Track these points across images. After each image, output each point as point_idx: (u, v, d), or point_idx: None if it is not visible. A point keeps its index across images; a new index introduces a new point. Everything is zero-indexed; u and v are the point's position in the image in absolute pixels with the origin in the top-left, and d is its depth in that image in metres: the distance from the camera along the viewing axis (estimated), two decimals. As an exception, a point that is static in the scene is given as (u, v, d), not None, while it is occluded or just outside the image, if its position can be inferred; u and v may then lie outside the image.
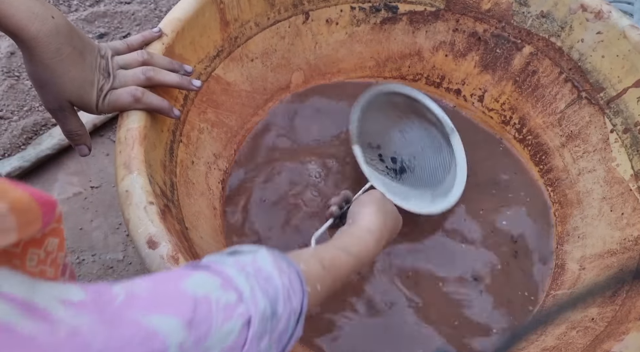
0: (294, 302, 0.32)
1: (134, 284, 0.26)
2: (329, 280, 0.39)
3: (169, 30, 0.56)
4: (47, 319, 0.20)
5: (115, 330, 0.23)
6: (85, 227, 0.75)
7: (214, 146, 0.67)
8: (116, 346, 0.22)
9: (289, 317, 0.32)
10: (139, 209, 0.43)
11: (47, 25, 0.42)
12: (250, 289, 0.30)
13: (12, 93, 0.83)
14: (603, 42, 0.65)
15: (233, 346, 0.28)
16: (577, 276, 0.63)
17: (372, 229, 0.47)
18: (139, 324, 0.24)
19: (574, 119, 0.70)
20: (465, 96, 0.81)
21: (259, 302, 0.29)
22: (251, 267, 0.31)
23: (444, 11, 0.75)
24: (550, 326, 0.58)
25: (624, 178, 0.64)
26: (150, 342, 0.24)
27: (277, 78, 0.76)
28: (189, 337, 0.25)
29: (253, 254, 0.33)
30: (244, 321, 0.28)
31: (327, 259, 0.40)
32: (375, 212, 0.49)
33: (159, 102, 0.50)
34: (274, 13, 0.70)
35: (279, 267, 0.33)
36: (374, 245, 0.46)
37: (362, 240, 0.46)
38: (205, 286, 0.28)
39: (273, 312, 0.30)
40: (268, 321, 0.30)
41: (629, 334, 0.46)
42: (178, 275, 0.29)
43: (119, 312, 0.24)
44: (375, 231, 0.47)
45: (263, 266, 0.32)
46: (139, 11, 0.97)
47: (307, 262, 0.37)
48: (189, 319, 0.26)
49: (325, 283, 0.38)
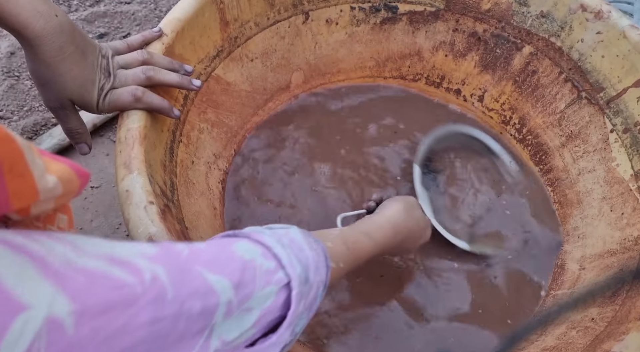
0: (321, 274, 0.35)
1: (195, 248, 0.29)
2: (351, 259, 0.42)
3: (169, 30, 0.56)
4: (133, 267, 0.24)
5: (184, 280, 0.26)
6: (85, 227, 0.75)
7: (214, 146, 0.67)
8: (185, 294, 0.25)
9: (318, 286, 0.35)
10: (139, 209, 0.43)
11: (51, 24, 0.42)
12: (287, 256, 0.33)
13: (12, 93, 0.83)
14: (603, 42, 0.65)
15: (272, 307, 0.31)
16: (577, 276, 0.63)
17: (392, 221, 0.51)
18: (203, 278, 0.27)
19: (574, 119, 0.70)
20: (465, 96, 0.81)
21: (296, 267, 0.33)
22: (286, 239, 0.35)
23: (444, 11, 0.75)
24: (550, 326, 0.58)
25: (624, 178, 0.64)
26: (209, 296, 0.27)
27: (277, 78, 0.76)
28: (235, 296, 0.28)
29: (286, 229, 0.37)
30: (281, 285, 0.31)
31: (350, 241, 0.43)
32: (400, 210, 0.53)
33: (159, 102, 0.50)
34: (273, 13, 0.70)
35: (308, 242, 0.36)
36: (392, 235, 0.50)
37: (383, 229, 0.49)
38: (250, 251, 0.32)
39: (306, 278, 0.33)
40: (304, 285, 0.33)
41: (629, 334, 0.46)
42: (227, 241, 0.33)
43: (187, 265, 0.27)
44: (395, 224, 0.51)
45: (296, 238, 0.35)
46: (139, 11, 0.97)
47: (333, 241, 0.41)
48: (237, 281, 0.29)
49: (347, 262, 0.42)
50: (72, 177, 0.27)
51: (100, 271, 0.22)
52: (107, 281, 0.22)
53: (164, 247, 0.27)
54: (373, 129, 0.77)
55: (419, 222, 0.55)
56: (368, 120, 0.78)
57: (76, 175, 0.27)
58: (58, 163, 0.26)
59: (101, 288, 0.22)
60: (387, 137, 0.76)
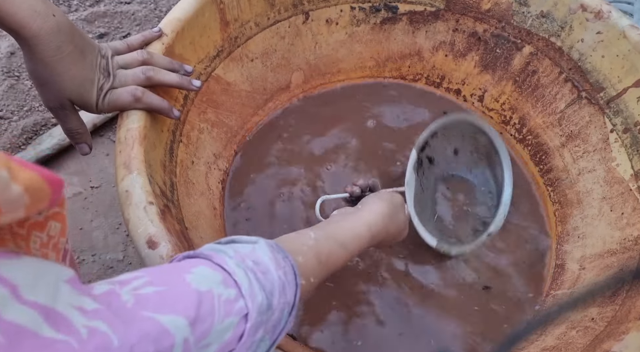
0: (288, 295, 0.34)
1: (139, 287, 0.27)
2: (324, 273, 0.41)
3: (169, 30, 0.56)
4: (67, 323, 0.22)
5: (131, 326, 0.24)
6: (85, 227, 0.75)
7: (214, 146, 0.67)
8: (132, 340, 0.24)
9: (283, 309, 0.33)
10: (139, 209, 0.43)
11: (49, 23, 0.42)
12: (248, 284, 0.31)
13: (12, 93, 0.83)
14: (603, 42, 0.65)
15: (230, 340, 0.29)
16: (577, 276, 0.63)
17: (372, 228, 0.48)
18: (154, 320, 0.25)
19: (574, 119, 0.70)
20: (465, 96, 0.81)
21: (256, 296, 0.31)
22: (250, 260, 0.33)
23: (444, 11, 0.75)
24: (550, 326, 0.58)
25: (624, 178, 0.64)
26: (162, 338, 0.25)
27: (277, 78, 0.76)
28: (192, 334, 0.27)
29: (252, 245, 0.35)
30: (241, 315, 0.30)
31: (324, 254, 0.41)
32: (383, 213, 0.50)
33: (159, 102, 0.50)
34: (274, 13, 0.70)
35: (275, 260, 0.34)
36: (368, 243, 0.48)
37: (360, 238, 0.47)
38: (207, 280, 0.29)
39: (269, 305, 0.32)
40: (264, 314, 0.31)
41: (628, 334, 0.46)
42: (182, 268, 0.30)
43: (132, 313, 0.25)
44: (374, 231, 0.48)
45: (261, 258, 0.33)
46: (139, 11, 0.97)
47: (305, 255, 0.39)
48: (194, 316, 0.27)
49: (319, 276, 0.40)
50: (42, 185, 0.25)
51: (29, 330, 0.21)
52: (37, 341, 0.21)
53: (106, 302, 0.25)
54: (373, 125, 0.77)
55: (400, 225, 0.53)
56: (368, 118, 0.78)
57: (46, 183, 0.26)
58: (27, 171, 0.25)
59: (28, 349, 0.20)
60: (387, 135, 0.76)
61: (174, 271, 0.30)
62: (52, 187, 0.26)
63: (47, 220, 0.31)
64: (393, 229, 0.51)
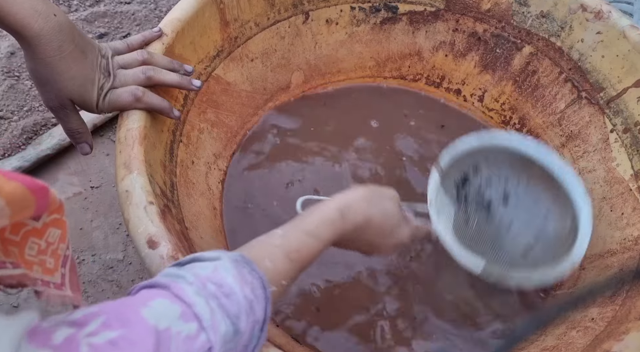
0: (257, 313, 0.32)
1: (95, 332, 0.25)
2: (296, 271, 0.39)
3: (169, 30, 0.56)
4: None
5: None
6: (85, 227, 0.75)
7: (214, 146, 0.67)
8: None
9: (253, 328, 0.32)
10: (139, 209, 0.43)
11: (50, 23, 0.42)
12: (210, 314, 0.29)
13: (12, 93, 0.83)
14: (603, 42, 0.65)
15: None
16: (577, 276, 0.63)
17: (341, 207, 0.43)
18: None
19: (574, 119, 0.70)
20: (465, 96, 0.81)
21: (219, 327, 0.29)
22: (211, 283, 0.31)
23: (444, 11, 0.75)
24: (550, 326, 0.58)
25: (624, 178, 0.64)
26: None
27: (277, 78, 0.76)
28: None
29: (214, 264, 0.33)
30: (205, 350, 0.28)
31: (294, 250, 0.39)
32: (358, 197, 0.45)
33: (160, 102, 0.50)
34: (274, 13, 0.70)
35: (241, 276, 0.32)
36: (342, 226, 0.43)
37: (331, 221, 0.42)
38: (165, 316, 0.28)
39: (235, 331, 0.30)
40: (230, 341, 0.30)
41: (628, 334, 0.46)
42: (140, 301, 0.28)
43: None
44: (344, 211, 0.43)
45: (224, 279, 0.31)
46: (139, 11, 0.97)
47: (273, 258, 0.37)
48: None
49: (291, 276, 0.39)
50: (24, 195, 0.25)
51: None
52: None
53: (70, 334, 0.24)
54: (375, 125, 0.77)
55: (387, 214, 0.47)
56: (369, 118, 0.78)
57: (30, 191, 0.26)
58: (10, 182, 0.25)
59: None
60: (389, 135, 0.76)
61: (131, 306, 0.28)
62: (36, 195, 0.26)
63: (46, 227, 0.31)
64: (377, 216, 0.45)
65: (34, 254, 0.31)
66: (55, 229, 0.32)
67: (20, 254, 0.30)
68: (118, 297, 0.29)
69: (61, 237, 0.33)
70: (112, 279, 0.70)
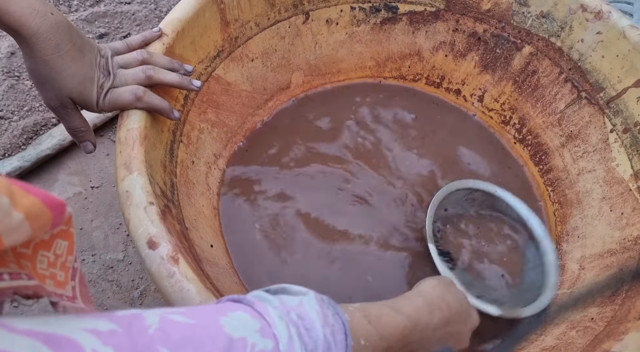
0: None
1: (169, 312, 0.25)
2: (376, 336, 0.35)
3: (169, 30, 0.56)
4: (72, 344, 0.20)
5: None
6: (85, 227, 0.75)
7: (214, 146, 0.68)
8: None
9: None
10: (139, 210, 0.43)
11: (47, 21, 0.42)
12: (288, 339, 0.28)
13: (12, 93, 0.83)
14: (603, 42, 0.65)
15: None
16: (577, 276, 0.63)
17: (425, 295, 0.43)
18: None
19: (574, 119, 0.70)
20: (465, 96, 0.81)
21: None
22: (295, 313, 0.30)
23: (444, 11, 0.75)
24: (550, 326, 0.58)
25: (624, 178, 0.64)
26: None
27: (277, 78, 0.76)
28: None
29: (301, 297, 0.32)
30: None
31: (372, 315, 0.36)
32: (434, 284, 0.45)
33: (160, 103, 0.50)
34: (274, 13, 0.70)
35: (324, 316, 0.31)
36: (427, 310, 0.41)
37: (414, 302, 0.41)
38: (244, 327, 0.27)
39: None
40: None
41: (628, 334, 0.46)
42: (220, 310, 0.28)
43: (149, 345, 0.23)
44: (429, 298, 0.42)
45: (308, 313, 0.30)
46: (139, 11, 0.97)
47: (351, 314, 0.35)
48: None
49: (371, 339, 0.35)
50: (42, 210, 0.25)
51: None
52: None
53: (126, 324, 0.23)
54: (376, 125, 0.77)
55: (461, 299, 0.46)
56: (370, 118, 0.78)
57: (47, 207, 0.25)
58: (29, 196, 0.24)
59: None
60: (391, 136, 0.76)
61: (210, 311, 0.27)
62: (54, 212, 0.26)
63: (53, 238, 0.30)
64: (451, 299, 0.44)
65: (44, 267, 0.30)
66: (62, 241, 0.31)
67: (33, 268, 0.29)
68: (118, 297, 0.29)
69: (69, 249, 0.32)
70: (112, 279, 0.70)
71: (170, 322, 0.24)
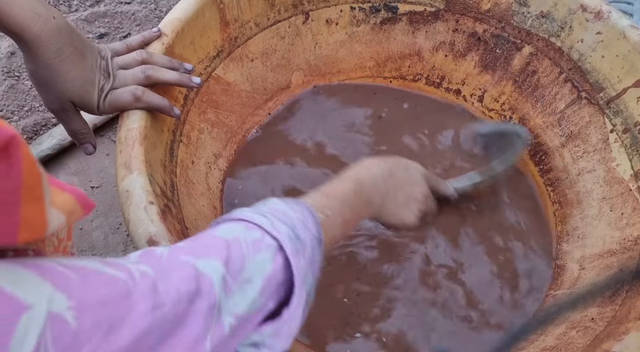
0: (312, 229, 0.36)
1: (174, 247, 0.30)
2: (337, 205, 0.42)
3: (169, 30, 0.56)
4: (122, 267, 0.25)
5: (171, 272, 0.27)
6: (85, 227, 0.75)
7: (214, 146, 0.68)
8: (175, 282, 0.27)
9: (312, 242, 0.35)
10: (139, 209, 0.43)
11: (49, 25, 0.42)
12: (270, 222, 0.34)
13: (12, 93, 0.83)
14: (603, 42, 0.65)
15: (272, 273, 0.32)
16: (577, 276, 0.63)
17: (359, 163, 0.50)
18: (190, 265, 0.28)
19: (574, 119, 0.70)
20: (465, 96, 0.81)
21: (280, 229, 0.33)
22: (266, 208, 0.36)
23: (444, 11, 0.75)
24: (550, 326, 0.58)
25: (624, 178, 0.64)
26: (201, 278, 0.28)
27: (277, 78, 0.76)
28: (228, 272, 0.30)
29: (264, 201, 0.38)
30: (274, 249, 0.33)
31: (327, 190, 0.43)
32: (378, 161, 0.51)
33: (160, 101, 0.50)
34: (274, 13, 0.70)
35: (289, 206, 0.37)
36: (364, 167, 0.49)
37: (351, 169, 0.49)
38: (232, 231, 0.33)
39: (296, 236, 0.34)
40: (295, 242, 0.34)
41: (628, 334, 0.47)
42: (208, 229, 0.34)
43: (170, 260, 0.28)
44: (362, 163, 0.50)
45: (277, 206, 0.36)
46: (139, 11, 0.97)
47: (310, 197, 0.42)
48: (225, 257, 0.30)
49: (334, 208, 0.41)
50: (76, 208, 0.27)
51: (92, 268, 0.24)
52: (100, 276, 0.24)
53: (144, 255, 0.29)
54: (376, 125, 0.77)
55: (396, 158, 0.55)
56: (370, 118, 0.78)
57: (80, 205, 0.27)
58: (64, 193, 0.26)
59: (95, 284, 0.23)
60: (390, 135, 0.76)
61: (204, 233, 0.33)
62: (85, 210, 0.29)
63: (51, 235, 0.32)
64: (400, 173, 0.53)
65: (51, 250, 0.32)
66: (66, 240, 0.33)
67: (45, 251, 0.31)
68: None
69: (68, 234, 0.34)
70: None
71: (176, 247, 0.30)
